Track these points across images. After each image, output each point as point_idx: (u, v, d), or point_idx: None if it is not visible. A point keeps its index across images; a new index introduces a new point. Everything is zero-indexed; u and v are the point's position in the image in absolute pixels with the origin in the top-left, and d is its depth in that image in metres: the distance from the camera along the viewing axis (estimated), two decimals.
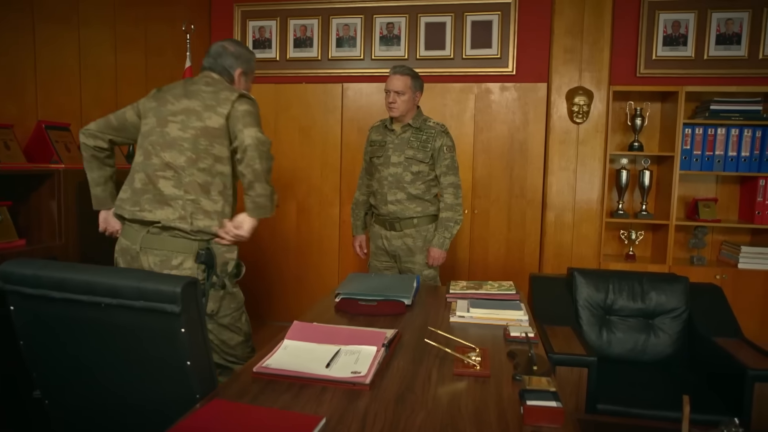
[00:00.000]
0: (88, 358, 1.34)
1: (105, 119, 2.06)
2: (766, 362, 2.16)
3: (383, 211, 2.85)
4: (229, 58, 2.15)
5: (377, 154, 2.87)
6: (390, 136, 2.84)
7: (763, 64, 3.79)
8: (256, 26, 4.30)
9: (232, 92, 2.02)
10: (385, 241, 2.90)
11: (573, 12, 3.84)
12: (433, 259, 2.83)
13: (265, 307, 4.42)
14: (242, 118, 1.96)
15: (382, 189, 2.82)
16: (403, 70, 2.77)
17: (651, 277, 2.69)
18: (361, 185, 3.07)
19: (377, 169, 2.85)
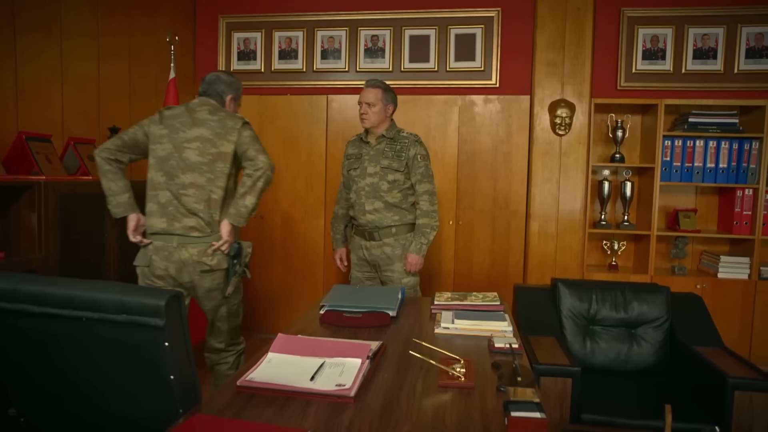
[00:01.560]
0: (67, 373, 1.32)
1: (119, 139, 2.34)
2: (745, 371, 2.19)
3: (362, 221, 2.89)
4: (221, 85, 2.49)
5: (354, 166, 2.92)
6: (365, 148, 2.92)
7: (739, 78, 3.88)
8: (240, 38, 4.30)
9: (235, 120, 2.39)
10: (365, 252, 2.93)
11: (555, 26, 3.91)
12: (410, 265, 2.85)
13: (249, 319, 4.38)
14: (251, 144, 2.37)
15: (360, 199, 2.87)
16: (375, 82, 2.88)
17: (633, 287, 2.72)
18: (340, 199, 3.10)
19: (354, 180, 2.90)
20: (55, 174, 2.61)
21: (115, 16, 3.46)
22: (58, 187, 2.47)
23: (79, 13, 3.16)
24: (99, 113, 3.35)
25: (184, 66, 4.24)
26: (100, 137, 3.24)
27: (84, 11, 3.21)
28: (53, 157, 2.70)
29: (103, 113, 3.38)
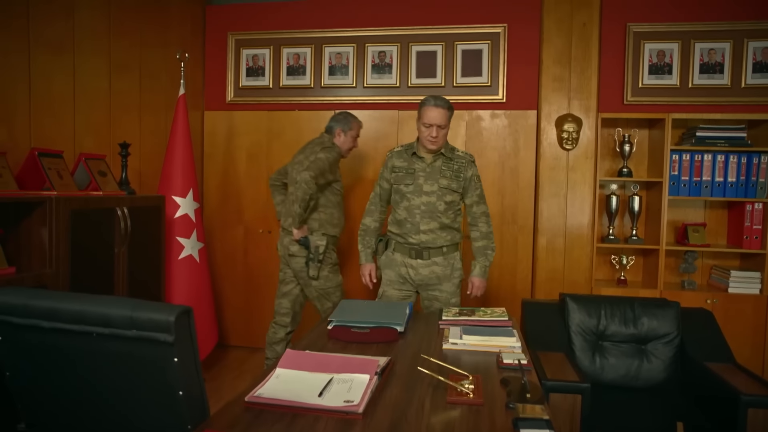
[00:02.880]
0: (77, 388, 1.32)
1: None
2: (758, 388, 2.16)
3: (413, 240, 2.79)
4: (332, 122, 3.43)
5: (405, 181, 2.79)
6: (419, 164, 2.79)
7: (746, 92, 3.88)
8: (249, 54, 4.36)
9: (322, 145, 3.29)
10: (410, 270, 2.82)
11: (561, 42, 3.93)
12: (477, 288, 2.90)
13: (258, 334, 4.37)
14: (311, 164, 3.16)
15: (413, 218, 2.76)
16: (444, 103, 2.73)
17: (642, 302, 2.70)
18: (374, 211, 2.99)
19: (406, 197, 2.77)
20: (67, 189, 2.64)
21: (126, 33, 3.51)
22: (69, 203, 2.50)
23: (91, 31, 3.21)
24: (110, 129, 3.40)
25: (194, 82, 4.29)
26: (111, 153, 3.28)
27: (96, 28, 3.26)
28: (65, 172, 2.73)
29: (114, 129, 3.42)
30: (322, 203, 3.30)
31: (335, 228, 3.36)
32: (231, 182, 4.39)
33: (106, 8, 3.33)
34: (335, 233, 3.37)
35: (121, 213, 2.82)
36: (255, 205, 4.35)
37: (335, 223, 3.35)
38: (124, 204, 2.85)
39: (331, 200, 3.33)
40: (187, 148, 3.58)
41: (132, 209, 2.89)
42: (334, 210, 3.35)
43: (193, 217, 3.58)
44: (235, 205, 4.38)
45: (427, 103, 2.72)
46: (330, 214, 3.32)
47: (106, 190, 2.89)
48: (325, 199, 3.30)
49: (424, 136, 2.73)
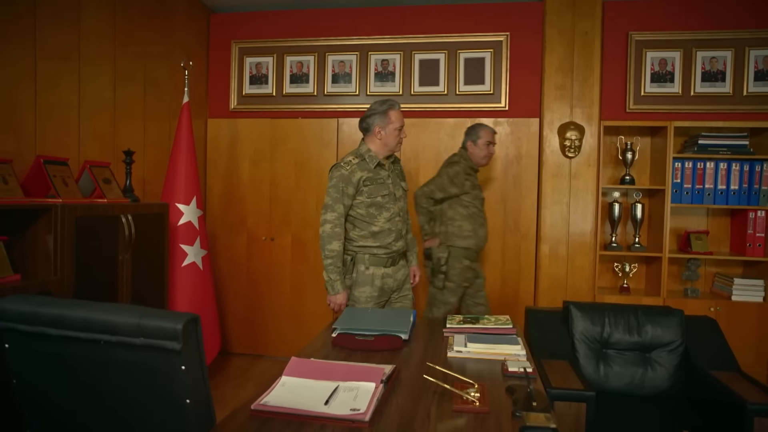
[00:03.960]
0: (84, 396, 1.32)
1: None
2: (764, 396, 2.15)
3: (395, 248, 2.75)
4: (464, 136, 3.46)
5: (381, 192, 2.69)
6: (383, 172, 2.73)
7: (748, 100, 3.89)
8: (253, 62, 4.38)
9: (449, 160, 3.45)
10: (388, 279, 2.76)
11: (563, 50, 3.95)
12: (419, 276, 3.01)
13: (261, 341, 4.38)
14: (431, 180, 3.38)
15: (395, 226, 2.73)
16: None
17: (646, 310, 2.70)
18: (340, 234, 2.65)
19: (385, 207, 2.69)
20: (72, 197, 2.65)
21: (131, 42, 3.53)
22: (74, 210, 2.50)
23: (97, 39, 3.23)
24: (114, 137, 3.41)
25: (198, 90, 4.31)
26: (115, 160, 3.29)
27: (102, 37, 3.28)
28: (70, 180, 2.74)
29: (118, 136, 3.44)
30: (450, 216, 3.32)
31: (466, 240, 3.31)
32: (234, 189, 4.40)
33: (111, 17, 3.36)
34: (466, 245, 3.31)
35: (125, 220, 2.82)
36: (258, 212, 4.36)
37: (465, 236, 3.30)
38: (128, 211, 2.86)
39: (461, 213, 3.32)
40: (190, 156, 3.59)
41: (136, 216, 2.90)
42: (464, 222, 3.31)
43: (197, 224, 3.58)
44: (238, 212, 4.39)
45: (395, 106, 2.73)
46: (458, 227, 3.31)
47: (110, 197, 2.90)
48: (453, 212, 3.32)
49: (396, 139, 2.71)
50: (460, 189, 3.30)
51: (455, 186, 3.29)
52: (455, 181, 3.29)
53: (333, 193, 2.64)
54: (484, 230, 3.41)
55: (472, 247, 3.33)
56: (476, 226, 3.34)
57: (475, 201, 3.36)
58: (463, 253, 3.31)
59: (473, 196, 3.35)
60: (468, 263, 3.33)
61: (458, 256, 3.30)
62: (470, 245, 3.32)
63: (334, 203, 2.63)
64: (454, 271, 3.31)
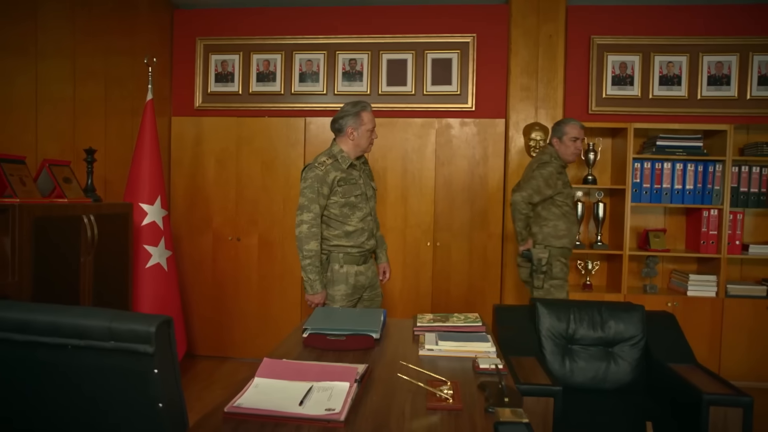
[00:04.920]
0: (52, 402, 1.28)
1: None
2: (719, 387, 2.25)
3: (366, 247, 2.82)
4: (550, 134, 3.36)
5: (355, 192, 2.76)
6: (355, 172, 2.79)
7: (702, 103, 4.05)
8: (218, 60, 4.31)
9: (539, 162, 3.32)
10: (361, 277, 2.83)
11: (528, 52, 4.03)
12: (389, 273, 3.07)
13: (227, 343, 4.31)
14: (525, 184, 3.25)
15: (368, 225, 2.81)
16: None
17: (609, 306, 2.78)
18: (317, 233, 2.69)
19: (358, 207, 2.76)
20: (30, 197, 2.56)
21: (91, 37, 3.43)
22: (32, 210, 2.42)
23: (55, 34, 3.13)
24: (74, 135, 3.31)
25: (161, 88, 4.22)
26: (76, 159, 3.19)
27: (60, 32, 3.18)
28: (27, 179, 2.64)
29: (79, 135, 3.34)
30: (545, 216, 3.30)
31: (561, 240, 3.29)
32: (199, 189, 4.32)
33: (70, 11, 3.25)
34: (562, 245, 3.29)
35: (88, 221, 2.74)
36: (224, 212, 4.30)
37: (560, 235, 3.28)
38: (91, 211, 2.78)
39: (554, 213, 3.29)
40: (154, 155, 3.51)
41: (98, 217, 2.82)
42: (558, 222, 3.29)
43: (161, 224, 3.51)
44: (204, 212, 4.32)
45: (367, 108, 2.79)
46: (554, 227, 3.28)
47: (71, 197, 2.81)
48: (547, 213, 3.30)
49: (368, 140, 2.79)
50: (554, 189, 3.26)
51: (550, 187, 3.25)
52: (549, 182, 3.24)
53: (308, 193, 2.66)
54: (576, 228, 3.42)
55: (567, 245, 3.32)
56: (570, 224, 3.32)
57: (567, 200, 3.32)
58: (560, 252, 3.29)
59: (565, 194, 3.32)
60: (564, 261, 3.32)
61: (556, 255, 3.29)
62: (565, 244, 3.31)
63: (310, 203, 2.66)
64: (556, 269, 3.29)
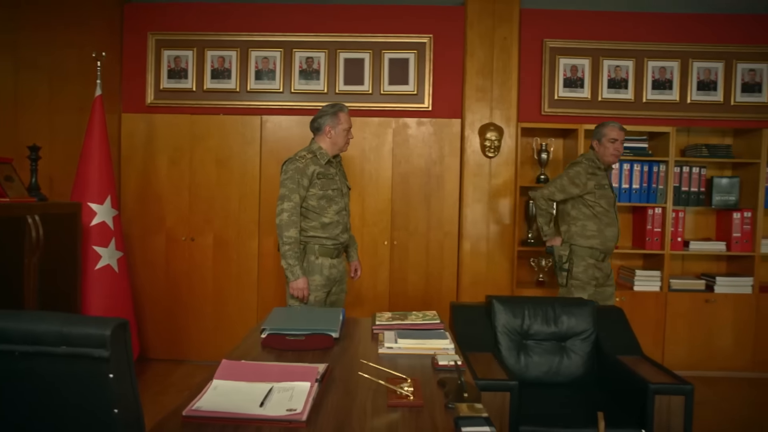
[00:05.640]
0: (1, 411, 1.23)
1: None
2: (664, 377, 2.36)
3: (341, 240, 2.96)
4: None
5: (332, 186, 2.91)
6: (332, 169, 2.95)
7: (647, 106, 4.23)
8: (171, 56, 4.20)
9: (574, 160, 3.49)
10: (333, 270, 2.96)
11: (483, 54, 4.10)
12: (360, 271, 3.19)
13: (181, 346, 4.21)
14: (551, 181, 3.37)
15: (343, 219, 2.96)
16: None
17: (562, 301, 2.87)
18: (297, 222, 2.83)
19: (334, 201, 2.91)
20: None
21: (34, 29, 3.29)
22: None
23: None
24: (16, 131, 3.16)
25: (111, 83, 4.07)
26: (18, 156, 3.05)
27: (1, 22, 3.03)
28: None
29: (21, 131, 3.19)
30: (574, 215, 3.34)
31: (589, 240, 3.30)
32: (151, 188, 4.20)
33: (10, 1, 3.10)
34: (590, 245, 3.30)
35: (32, 221, 2.63)
36: (177, 211, 4.19)
37: (588, 236, 3.30)
38: (35, 211, 2.66)
39: (584, 213, 3.31)
40: (104, 153, 3.40)
41: (44, 217, 2.71)
42: (588, 222, 3.31)
43: (111, 224, 3.40)
44: (156, 211, 4.20)
45: (344, 109, 2.96)
46: (582, 227, 3.31)
47: (13, 196, 2.69)
48: (577, 212, 3.33)
49: (344, 138, 2.96)
50: (582, 189, 3.30)
51: (576, 186, 3.30)
52: (576, 181, 3.30)
53: (289, 183, 2.81)
54: (612, 230, 3.35)
55: (597, 246, 3.30)
56: (602, 225, 3.31)
57: (601, 200, 3.31)
58: (588, 252, 3.30)
59: (599, 195, 3.31)
60: (593, 262, 3.31)
61: (582, 255, 3.31)
62: (595, 245, 3.30)
63: (291, 193, 2.81)
64: (578, 269, 3.31)
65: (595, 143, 3.38)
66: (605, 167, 3.38)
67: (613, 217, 3.35)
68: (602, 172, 3.36)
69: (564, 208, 3.42)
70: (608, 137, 3.31)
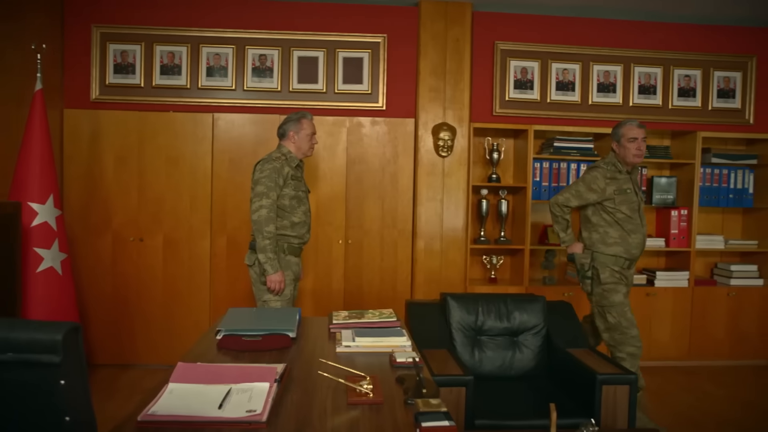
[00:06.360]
0: None
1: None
2: (610, 367, 2.47)
3: (305, 239, 3.13)
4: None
5: (302, 188, 3.09)
6: (299, 172, 3.10)
7: (592, 109, 4.39)
8: (117, 50, 4.05)
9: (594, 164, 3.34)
10: (297, 268, 3.11)
11: (436, 55, 4.16)
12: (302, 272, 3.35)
13: (129, 350, 4.07)
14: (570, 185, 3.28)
15: (308, 219, 3.13)
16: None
17: (514, 297, 2.95)
18: (275, 218, 2.94)
19: (303, 201, 3.08)
20: None
21: None
22: None
23: None
24: None
25: (52, 77, 3.89)
26: None
27: None
28: None
29: None
30: (594, 222, 3.21)
31: (611, 248, 3.14)
32: (97, 187, 4.04)
33: None
34: (613, 253, 3.14)
35: None
36: (125, 211, 4.05)
37: (610, 243, 3.14)
38: None
39: (606, 219, 3.16)
40: (45, 150, 3.25)
41: None
42: (610, 229, 3.15)
43: (54, 225, 3.26)
44: (102, 211, 4.05)
45: (308, 116, 3.13)
46: (603, 234, 3.17)
47: None
48: (598, 218, 3.20)
49: (308, 143, 3.10)
50: (601, 195, 3.14)
51: (593, 192, 3.15)
52: (593, 186, 3.15)
53: (267, 182, 2.92)
54: (637, 237, 3.16)
55: (620, 254, 3.15)
56: (624, 233, 3.14)
57: (622, 206, 3.13)
58: (611, 260, 3.15)
59: (618, 201, 3.13)
60: (617, 269, 3.16)
61: (606, 263, 3.16)
62: (618, 252, 3.14)
63: (269, 191, 2.91)
64: (604, 275, 3.16)
65: (614, 145, 3.20)
66: (629, 169, 3.20)
67: (637, 222, 3.17)
68: (624, 175, 3.18)
69: (585, 215, 3.29)
70: (627, 137, 3.13)
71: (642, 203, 3.23)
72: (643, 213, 3.22)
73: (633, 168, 3.23)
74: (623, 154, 3.16)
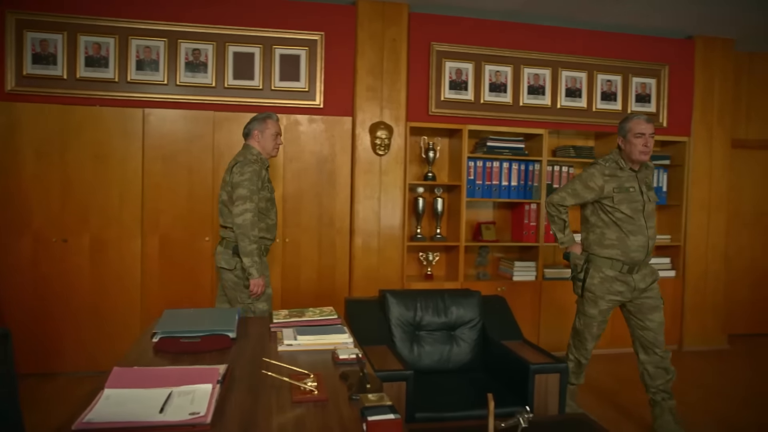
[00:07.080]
0: None
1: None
2: (542, 357, 2.60)
3: (275, 241, 3.21)
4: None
5: (272, 190, 3.13)
6: (268, 174, 3.10)
7: (523, 110, 4.57)
8: (36, 38, 3.81)
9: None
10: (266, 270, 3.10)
11: (374, 54, 4.20)
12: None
13: (54, 358, 3.85)
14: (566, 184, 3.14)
15: (276, 221, 3.17)
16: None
17: (451, 293, 3.04)
18: (257, 222, 2.94)
19: (273, 203, 3.12)
20: None
21: None
22: None
23: None
24: None
25: None
26: None
27: None
28: None
29: None
30: (592, 222, 3.07)
31: (607, 249, 2.98)
32: (14, 185, 3.79)
33: None
34: (608, 255, 2.97)
35: None
36: (47, 210, 3.82)
37: (607, 245, 2.98)
38: None
39: (603, 219, 3.00)
40: None
41: None
42: (607, 230, 2.98)
43: None
44: (21, 211, 3.80)
45: (273, 117, 3.11)
46: (600, 235, 3.01)
47: None
48: (595, 218, 3.05)
49: (272, 143, 3.11)
50: (599, 193, 2.98)
51: (590, 190, 2.99)
52: (590, 184, 2.99)
53: (249, 185, 2.90)
54: (639, 239, 2.94)
55: (617, 257, 2.96)
56: (622, 234, 2.95)
57: (621, 206, 2.94)
58: (607, 263, 2.99)
59: (618, 200, 2.94)
60: (614, 274, 2.98)
61: (600, 266, 3.01)
62: (614, 255, 2.97)
63: (252, 194, 2.91)
64: (592, 281, 3.02)
65: (620, 140, 3.00)
66: (634, 167, 3.00)
67: (640, 224, 2.95)
68: (627, 172, 2.99)
69: (583, 214, 3.15)
70: (633, 132, 2.91)
71: (648, 204, 3.01)
72: (650, 214, 3.01)
73: (642, 166, 3.04)
74: (629, 150, 2.95)
